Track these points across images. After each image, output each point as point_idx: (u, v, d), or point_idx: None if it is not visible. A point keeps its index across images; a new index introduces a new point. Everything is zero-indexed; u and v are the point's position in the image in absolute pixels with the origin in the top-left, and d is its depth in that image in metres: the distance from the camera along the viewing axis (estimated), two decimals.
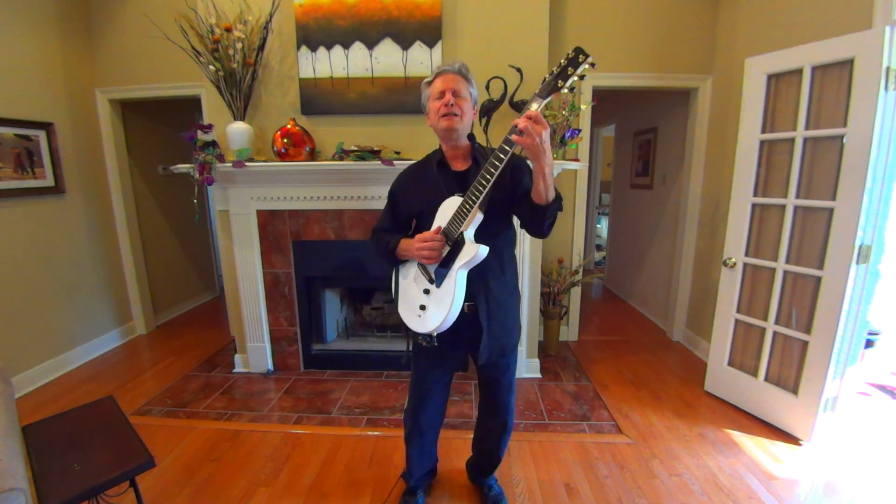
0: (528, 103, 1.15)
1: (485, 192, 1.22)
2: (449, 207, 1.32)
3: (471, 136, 1.43)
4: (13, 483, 1.02)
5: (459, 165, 1.43)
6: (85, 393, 2.70)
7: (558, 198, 1.28)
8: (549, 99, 1.15)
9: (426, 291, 1.39)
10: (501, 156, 1.17)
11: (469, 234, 1.29)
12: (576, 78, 1.12)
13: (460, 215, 1.27)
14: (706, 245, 3.15)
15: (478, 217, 1.28)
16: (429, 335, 1.38)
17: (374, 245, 1.54)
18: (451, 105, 1.31)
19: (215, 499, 1.82)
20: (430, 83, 1.38)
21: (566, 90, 1.14)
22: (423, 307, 1.39)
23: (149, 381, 2.87)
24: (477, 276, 1.36)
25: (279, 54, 2.63)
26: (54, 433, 1.49)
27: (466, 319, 1.39)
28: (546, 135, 1.12)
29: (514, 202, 1.37)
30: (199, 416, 2.43)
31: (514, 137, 1.14)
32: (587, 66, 1.11)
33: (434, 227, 1.35)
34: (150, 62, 3.08)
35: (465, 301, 1.35)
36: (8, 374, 1.57)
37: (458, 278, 1.31)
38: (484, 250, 1.27)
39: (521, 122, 1.11)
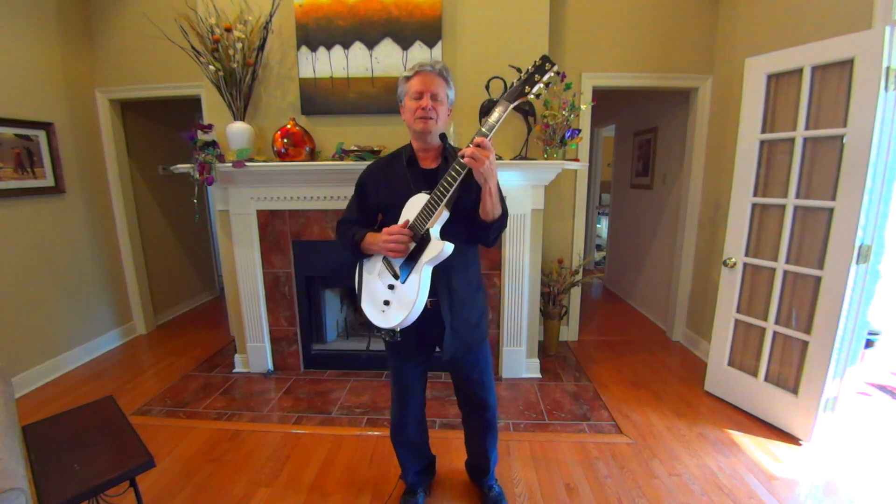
0: (494, 107, 1.22)
1: (451, 191, 1.24)
2: (416, 204, 1.34)
3: (442, 136, 1.44)
4: (13, 483, 1.02)
5: (429, 164, 1.44)
6: (85, 393, 2.70)
7: (504, 214, 1.36)
8: (517, 103, 1.23)
9: (390, 287, 1.40)
10: (463, 162, 1.21)
11: (435, 231, 1.31)
12: (542, 85, 1.20)
13: (427, 212, 1.29)
14: (706, 245, 3.15)
15: (444, 215, 1.30)
16: (392, 330, 1.39)
17: (338, 237, 1.53)
18: (429, 109, 1.32)
19: (215, 499, 1.82)
20: (408, 79, 1.37)
21: (532, 96, 1.22)
22: (387, 302, 1.40)
23: (149, 381, 2.87)
24: (440, 273, 1.38)
25: (279, 54, 2.63)
26: (54, 433, 1.49)
27: (430, 316, 1.40)
28: (492, 157, 1.20)
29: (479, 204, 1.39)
30: (199, 416, 2.43)
31: (465, 161, 1.19)
32: (553, 73, 1.20)
33: (401, 221, 1.36)
34: (150, 62, 3.08)
35: (429, 297, 1.36)
36: (8, 374, 1.57)
37: (423, 274, 1.32)
38: (449, 247, 1.29)
39: (469, 150, 1.17)
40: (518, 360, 2.81)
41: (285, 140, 2.50)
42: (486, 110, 2.52)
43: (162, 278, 3.91)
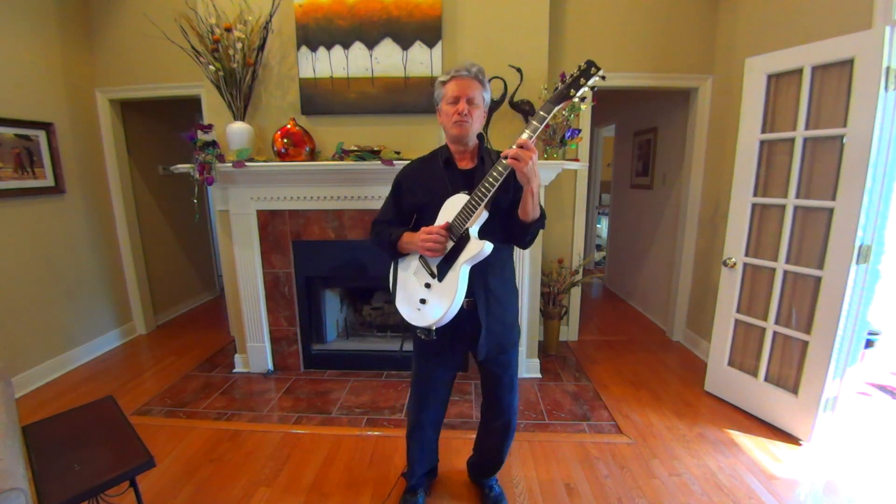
0: (539, 110, 1.23)
1: (492, 191, 1.25)
2: (454, 204, 1.34)
3: (479, 136, 1.46)
4: (13, 483, 1.02)
5: (466, 164, 1.45)
6: (85, 393, 2.70)
7: (542, 216, 1.36)
8: (560, 106, 1.23)
9: (427, 285, 1.40)
10: (505, 162, 1.22)
11: (473, 230, 1.32)
12: (586, 88, 1.21)
13: (467, 212, 1.29)
14: (706, 245, 3.15)
15: (483, 215, 1.31)
16: (427, 329, 1.39)
17: (374, 236, 1.53)
18: (465, 114, 1.33)
19: (215, 499, 1.82)
20: (444, 83, 1.38)
21: (577, 99, 1.23)
22: (423, 301, 1.40)
23: (149, 381, 2.87)
24: (477, 273, 1.38)
25: (279, 54, 2.63)
26: (54, 433, 1.49)
27: (465, 316, 1.40)
28: (535, 158, 1.20)
29: (516, 206, 1.39)
30: (199, 416, 2.43)
31: (507, 162, 1.19)
32: (598, 78, 1.21)
33: (439, 222, 1.36)
34: (150, 62, 3.08)
35: (465, 297, 1.36)
36: (8, 374, 1.57)
37: (461, 273, 1.32)
38: (489, 247, 1.29)
39: (512, 151, 1.18)
40: (518, 360, 2.79)
41: (285, 140, 2.50)
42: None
43: (162, 278, 3.90)
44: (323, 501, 1.81)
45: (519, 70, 2.47)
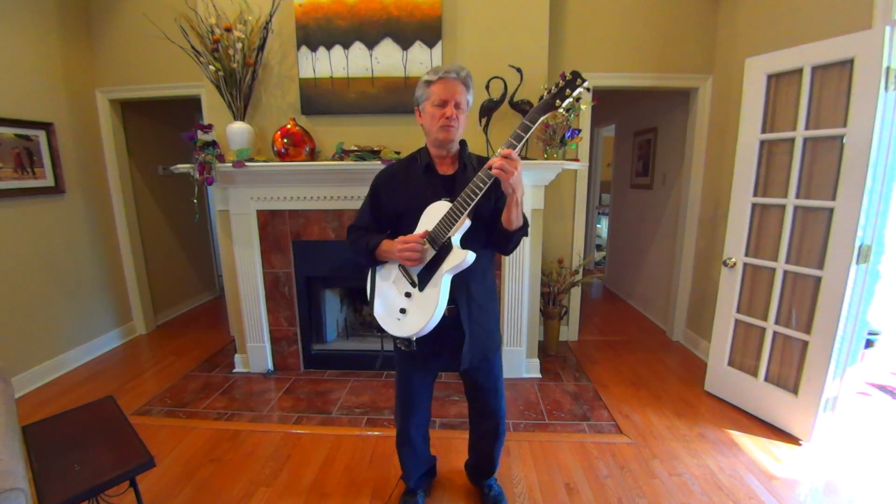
0: (524, 120, 1.21)
1: (475, 201, 1.23)
2: (435, 211, 1.31)
3: (462, 142, 1.42)
4: (13, 483, 1.02)
5: (447, 169, 1.42)
6: (85, 393, 2.70)
7: (525, 224, 1.35)
8: (546, 116, 1.22)
9: (407, 295, 1.37)
10: (491, 173, 1.19)
11: (455, 239, 1.29)
12: (571, 99, 1.19)
13: (448, 221, 1.27)
14: (706, 245, 3.15)
15: (465, 224, 1.28)
16: (408, 340, 1.36)
17: (350, 243, 1.49)
18: (452, 118, 1.31)
19: (215, 499, 1.82)
20: (430, 83, 1.33)
21: (562, 110, 1.21)
22: (403, 311, 1.37)
23: (149, 381, 2.87)
24: (459, 280, 1.35)
25: (279, 54, 2.63)
26: (54, 433, 1.49)
27: (447, 323, 1.36)
28: (520, 168, 1.19)
29: (497, 213, 1.37)
30: (199, 416, 2.43)
31: (494, 172, 1.17)
32: (583, 88, 1.19)
33: (419, 229, 1.34)
34: (150, 62, 3.08)
35: (447, 304, 1.34)
36: (8, 374, 1.57)
37: (443, 282, 1.30)
38: (471, 257, 1.27)
39: (497, 161, 1.17)
40: (518, 360, 2.80)
41: (285, 140, 2.50)
42: (486, 111, 2.52)
43: (162, 278, 3.91)
44: (323, 502, 1.81)
45: (519, 70, 2.47)
